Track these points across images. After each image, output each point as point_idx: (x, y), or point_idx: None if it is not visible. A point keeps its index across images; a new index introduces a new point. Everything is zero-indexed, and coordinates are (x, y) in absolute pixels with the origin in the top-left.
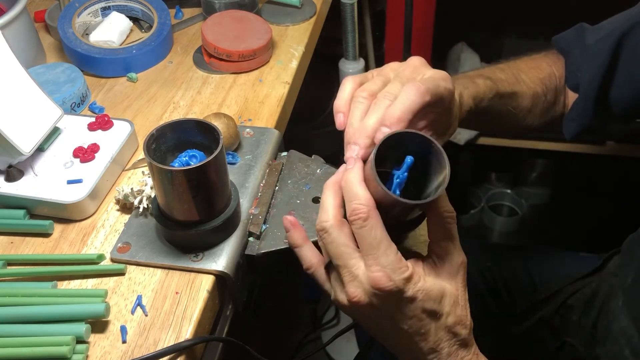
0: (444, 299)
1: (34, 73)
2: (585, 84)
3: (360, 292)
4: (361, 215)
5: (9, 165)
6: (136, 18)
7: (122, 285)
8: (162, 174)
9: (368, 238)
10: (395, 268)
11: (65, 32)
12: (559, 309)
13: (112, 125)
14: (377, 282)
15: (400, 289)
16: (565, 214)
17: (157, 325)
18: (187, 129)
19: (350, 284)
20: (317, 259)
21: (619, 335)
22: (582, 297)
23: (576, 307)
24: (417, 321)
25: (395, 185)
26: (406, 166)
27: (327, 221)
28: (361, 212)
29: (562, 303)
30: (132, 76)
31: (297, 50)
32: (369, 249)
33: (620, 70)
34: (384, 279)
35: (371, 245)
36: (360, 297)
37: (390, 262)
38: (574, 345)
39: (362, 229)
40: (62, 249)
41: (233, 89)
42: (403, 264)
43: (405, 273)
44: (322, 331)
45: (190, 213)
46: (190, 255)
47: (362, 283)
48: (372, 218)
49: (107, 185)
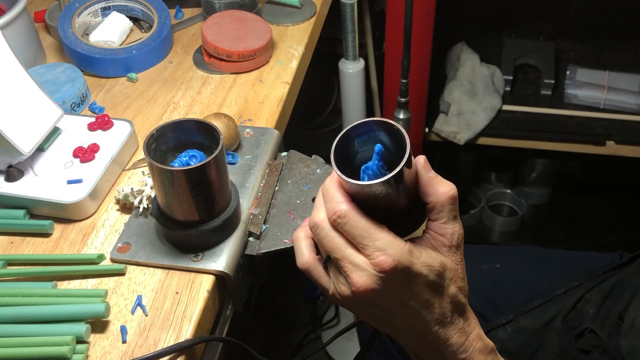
0: (445, 271)
1: (34, 73)
2: None
3: (364, 279)
4: (338, 212)
5: (9, 165)
6: (136, 18)
7: (122, 285)
8: (162, 174)
9: (355, 231)
10: (394, 246)
11: (65, 32)
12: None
13: (112, 125)
14: (381, 264)
15: (406, 265)
16: (565, 214)
17: (157, 325)
18: (187, 129)
19: (354, 273)
20: (313, 254)
21: None
22: (600, 291)
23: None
24: (423, 295)
25: (367, 177)
26: (375, 155)
27: (318, 217)
28: (337, 210)
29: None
30: (132, 76)
31: (297, 50)
32: (361, 240)
33: None
34: (388, 259)
35: (361, 236)
36: (367, 284)
37: (386, 242)
38: (597, 333)
39: (345, 226)
40: (62, 249)
41: (233, 89)
42: (400, 241)
43: (405, 247)
44: (322, 331)
45: (190, 213)
46: (190, 255)
47: (366, 269)
48: (349, 212)
49: (107, 185)
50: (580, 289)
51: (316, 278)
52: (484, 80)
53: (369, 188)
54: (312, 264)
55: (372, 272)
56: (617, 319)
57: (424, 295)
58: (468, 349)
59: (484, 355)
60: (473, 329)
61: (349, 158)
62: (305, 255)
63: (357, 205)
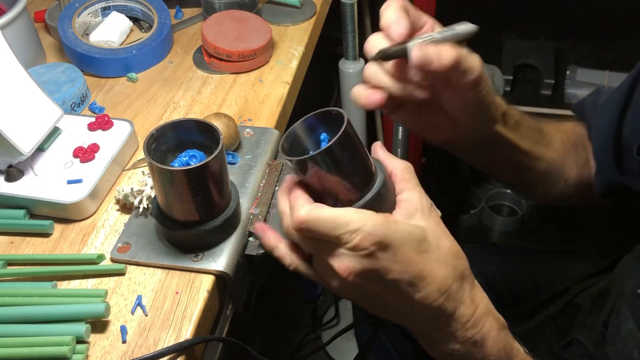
0: (426, 235)
1: (34, 73)
2: (600, 132)
3: (347, 264)
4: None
5: (9, 165)
6: (136, 18)
7: (122, 285)
8: (162, 174)
9: (322, 228)
10: (366, 222)
11: (65, 32)
12: (565, 308)
13: (112, 125)
14: (359, 243)
15: (384, 234)
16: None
17: (157, 325)
18: (187, 129)
19: (336, 262)
20: (295, 254)
21: (628, 336)
22: (589, 296)
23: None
24: (415, 265)
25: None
26: (322, 143)
27: (286, 223)
28: (296, 219)
29: (568, 302)
30: (132, 76)
31: (297, 50)
32: (332, 232)
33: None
34: (365, 237)
35: (331, 229)
36: (352, 268)
37: (358, 222)
38: (583, 342)
39: (312, 229)
40: (62, 249)
41: (233, 89)
42: (372, 215)
43: (378, 219)
44: (322, 331)
45: (190, 213)
46: (190, 255)
47: (347, 255)
48: (309, 215)
49: (107, 185)
50: (568, 294)
51: (307, 276)
52: None
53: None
54: (298, 265)
55: (353, 254)
56: (602, 327)
57: (415, 265)
58: (478, 323)
59: (495, 331)
60: (481, 301)
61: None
62: (287, 259)
63: (316, 197)
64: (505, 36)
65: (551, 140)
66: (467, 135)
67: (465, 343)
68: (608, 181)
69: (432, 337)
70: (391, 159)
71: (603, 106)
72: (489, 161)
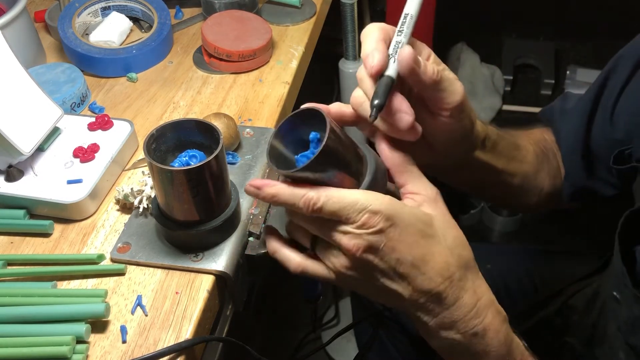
0: (433, 222)
1: (34, 73)
2: (569, 139)
3: (355, 241)
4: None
5: (9, 165)
6: (136, 18)
7: (122, 285)
8: (162, 174)
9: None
10: (373, 200)
11: (65, 32)
12: (561, 309)
13: (112, 125)
14: (366, 222)
15: (390, 213)
16: (565, 214)
17: (157, 325)
18: (187, 129)
19: (344, 239)
20: (298, 255)
21: (614, 337)
22: (583, 297)
23: (577, 308)
24: (418, 247)
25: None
26: (312, 144)
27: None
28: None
29: (563, 303)
30: (132, 76)
31: (297, 50)
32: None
33: (598, 116)
34: (372, 215)
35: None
36: (360, 244)
37: (365, 201)
38: (574, 345)
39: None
40: (62, 249)
41: (233, 89)
42: (378, 194)
43: (385, 198)
44: (322, 331)
45: (190, 213)
46: (190, 255)
47: (355, 233)
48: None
49: (107, 185)
50: (564, 295)
51: (313, 273)
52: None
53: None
54: (303, 263)
55: (361, 232)
56: (591, 328)
57: (420, 246)
58: (480, 314)
59: (497, 323)
60: (484, 292)
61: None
62: (292, 259)
63: None
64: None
65: (526, 154)
66: (444, 160)
67: (466, 334)
68: (577, 186)
69: (432, 327)
70: (392, 150)
71: (571, 112)
72: (464, 181)
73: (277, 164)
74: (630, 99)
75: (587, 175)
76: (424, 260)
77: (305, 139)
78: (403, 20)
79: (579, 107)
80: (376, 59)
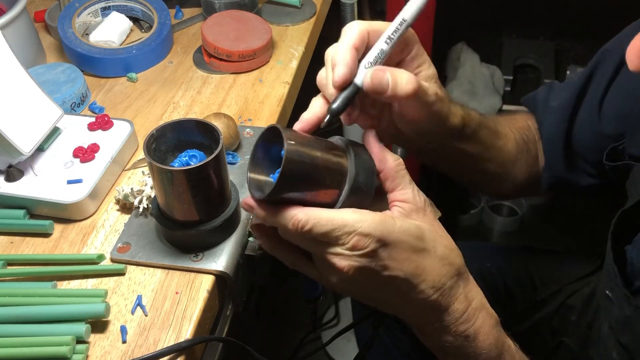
0: (424, 234)
1: (34, 73)
2: (551, 131)
3: (346, 262)
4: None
5: (9, 165)
6: (136, 18)
7: (122, 285)
8: (162, 174)
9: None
10: (363, 222)
11: (65, 32)
12: (559, 309)
13: (112, 125)
14: (356, 245)
15: (381, 235)
16: (565, 214)
17: (157, 325)
18: (187, 129)
19: (335, 259)
20: (294, 254)
21: (607, 337)
22: (581, 297)
23: (575, 307)
24: (410, 263)
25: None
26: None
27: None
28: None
29: (562, 303)
30: (132, 76)
31: (297, 50)
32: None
33: (583, 110)
34: (361, 238)
35: (332, 230)
36: (351, 265)
37: (354, 223)
38: (569, 345)
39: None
40: (62, 249)
41: (233, 89)
42: (368, 215)
43: (375, 219)
44: (322, 331)
45: (190, 213)
46: (190, 255)
47: (346, 254)
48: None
49: (107, 185)
50: (563, 294)
51: (306, 274)
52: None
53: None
54: (296, 263)
55: (352, 254)
56: (587, 329)
57: (411, 263)
58: (470, 318)
59: (487, 326)
60: (475, 296)
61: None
62: (288, 259)
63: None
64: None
65: (506, 143)
66: (417, 141)
67: (458, 336)
68: (556, 176)
69: (426, 330)
70: (383, 152)
71: (555, 106)
72: (438, 163)
73: (258, 186)
74: (618, 93)
75: (567, 167)
76: (415, 274)
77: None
78: (398, 27)
79: (563, 100)
80: (341, 74)
